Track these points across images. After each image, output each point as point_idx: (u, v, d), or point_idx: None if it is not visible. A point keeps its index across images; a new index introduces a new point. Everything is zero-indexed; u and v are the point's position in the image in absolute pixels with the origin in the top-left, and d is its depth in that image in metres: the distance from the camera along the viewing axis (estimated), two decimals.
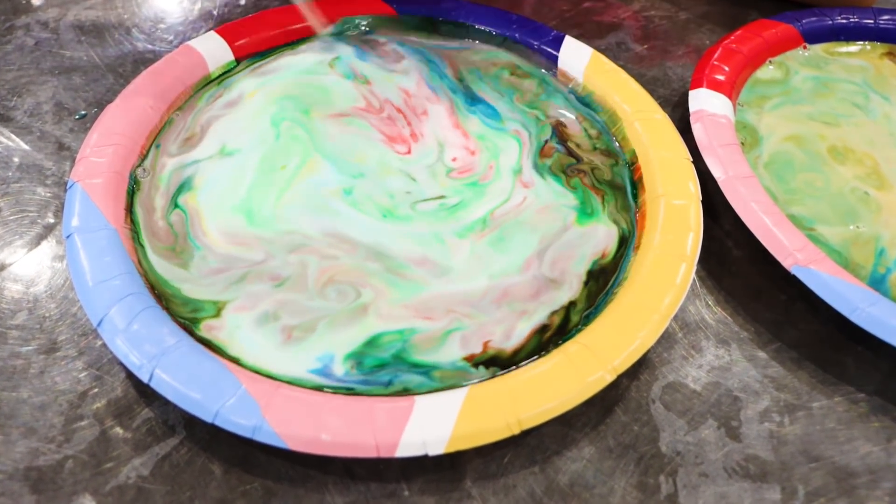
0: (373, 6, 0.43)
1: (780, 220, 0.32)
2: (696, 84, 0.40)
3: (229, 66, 0.39)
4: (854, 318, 0.29)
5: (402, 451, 0.24)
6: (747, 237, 0.33)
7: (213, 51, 0.39)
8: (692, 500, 0.27)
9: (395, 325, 0.29)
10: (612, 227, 0.34)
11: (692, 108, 0.38)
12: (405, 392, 0.27)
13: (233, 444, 0.27)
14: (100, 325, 0.26)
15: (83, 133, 0.38)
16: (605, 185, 0.36)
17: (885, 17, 0.47)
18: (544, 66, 0.42)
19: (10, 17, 0.45)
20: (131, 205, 0.32)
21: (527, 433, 0.25)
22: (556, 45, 0.42)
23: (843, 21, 0.47)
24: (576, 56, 0.41)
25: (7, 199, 0.35)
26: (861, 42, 0.47)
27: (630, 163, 0.37)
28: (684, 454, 0.28)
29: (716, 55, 0.42)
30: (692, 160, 0.35)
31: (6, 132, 0.38)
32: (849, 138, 0.40)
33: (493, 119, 0.39)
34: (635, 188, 0.35)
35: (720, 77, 0.40)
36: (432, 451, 0.24)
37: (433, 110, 0.39)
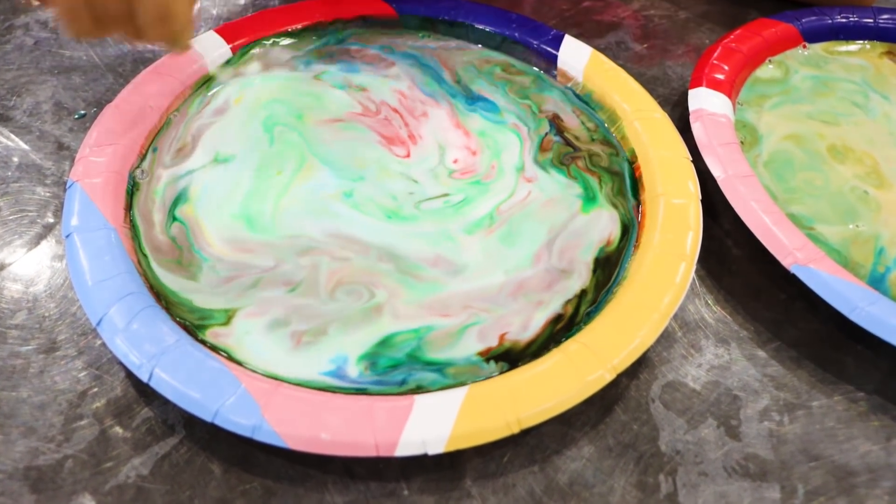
0: (373, 6, 0.43)
1: (780, 219, 0.32)
2: (696, 83, 0.40)
3: (228, 65, 0.39)
4: (853, 317, 0.29)
5: (402, 451, 0.24)
6: (747, 236, 0.33)
7: (213, 50, 0.39)
8: (692, 499, 0.27)
9: (410, 324, 0.29)
10: (613, 212, 0.34)
11: (692, 107, 0.38)
12: (418, 390, 0.27)
13: (232, 444, 0.27)
14: (99, 324, 0.26)
15: (82, 133, 0.38)
16: (600, 168, 0.36)
17: (885, 17, 0.47)
18: (541, 66, 0.42)
19: (9, 16, 0.45)
20: (130, 206, 0.32)
21: (526, 432, 0.25)
22: (556, 44, 0.42)
23: (843, 20, 0.47)
24: (575, 55, 0.41)
25: (6, 199, 0.35)
26: (861, 41, 0.47)
27: (630, 161, 0.37)
28: (684, 453, 0.28)
29: (715, 54, 0.42)
30: (692, 159, 0.35)
31: (5, 132, 0.38)
32: (848, 137, 0.40)
33: (493, 112, 0.39)
34: (635, 186, 0.35)
35: (720, 76, 0.40)
36: (432, 451, 0.24)
37: (433, 113, 0.39)
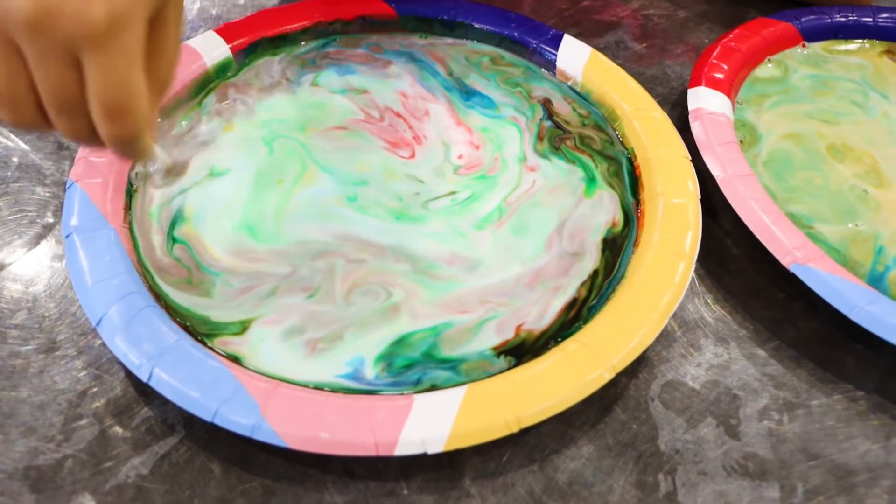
0: (372, 6, 0.43)
1: (779, 218, 0.32)
2: (695, 82, 0.40)
3: (227, 65, 0.39)
4: (853, 316, 0.29)
5: (401, 450, 0.24)
6: (746, 235, 0.33)
7: (212, 50, 0.39)
8: (691, 498, 0.27)
9: (427, 322, 0.29)
10: (612, 193, 0.35)
11: (691, 107, 0.38)
12: (431, 390, 0.27)
13: (232, 443, 0.27)
14: (99, 324, 0.26)
15: None
16: (592, 150, 0.37)
17: (884, 16, 0.47)
18: (534, 61, 0.42)
19: None
20: (129, 206, 0.32)
21: (526, 431, 0.25)
22: (555, 43, 0.42)
23: (842, 19, 0.47)
24: (575, 55, 0.41)
25: (6, 199, 0.35)
26: (860, 40, 0.47)
27: (629, 160, 0.37)
28: (683, 452, 0.28)
29: (714, 53, 0.42)
30: (691, 159, 0.35)
31: (5, 132, 0.38)
32: (848, 136, 0.40)
33: (490, 108, 0.39)
34: (634, 185, 0.35)
35: (719, 75, 0.40)
36: (431, 450, 0.24)
37: (433, 110, 0.39)
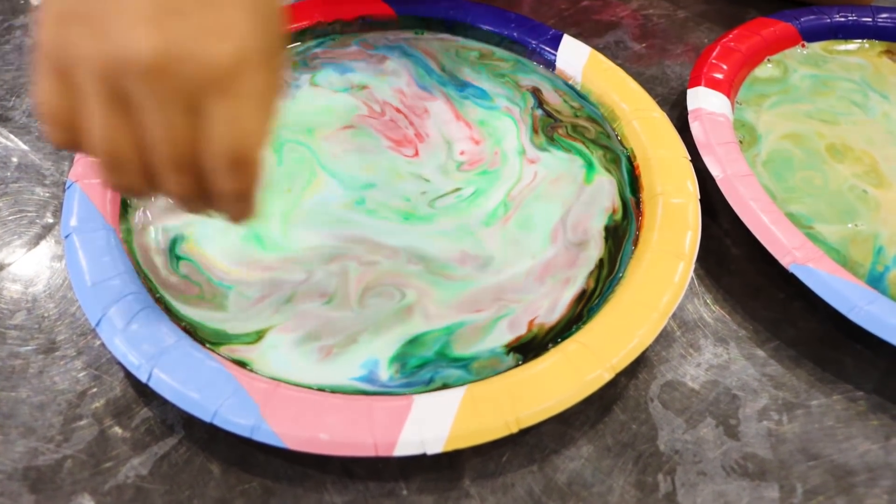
0: (372, 6, 0.43)
1: (779, 218, 0.32)
2: (695, 82, 0.40)
3: None
4: (852, 316, 0.29)
5: (401, 450, 0.24)
6: (746, 235, 0.33)
7: None
8: (690, 498, 0.27)
9: (441, 323, 0.29)
10: (610, 178, 0.36)
11: (690, 107, 0.38)
12: (444, 388, 0.27)
13: (231, 444, 0.27)
14: (98, 324, 0.26)
15: None
16: (585, 139, 0.38)
17: (884, 16, 0.47)
18: (527, 57, 0.42)
19: (8, 17, 0.45)
20: (125, 211, 0.32)
21: (525, 432, 0.25)
22: (555, 43, 0.42)
23: (842, 19, 0.47)
24: (574, 55, 0.41)
25: (6, 199, 0.35)
26: (859, 40, 0.47)
27: (629, 160, 0.37)
28: (683, 453, 0.28)
29: (714, 53, 0.42)
30: (690, 159, 0.35)
31: (5, 132, 0.38)
32: (847, 136, 0.40)
33: (484, 98, 0.40)
34: (634, 185, 0.35)
35: (718, 75, 0.40)
36: (430, 450, 0.24)
37: (433, 108, 0.39)
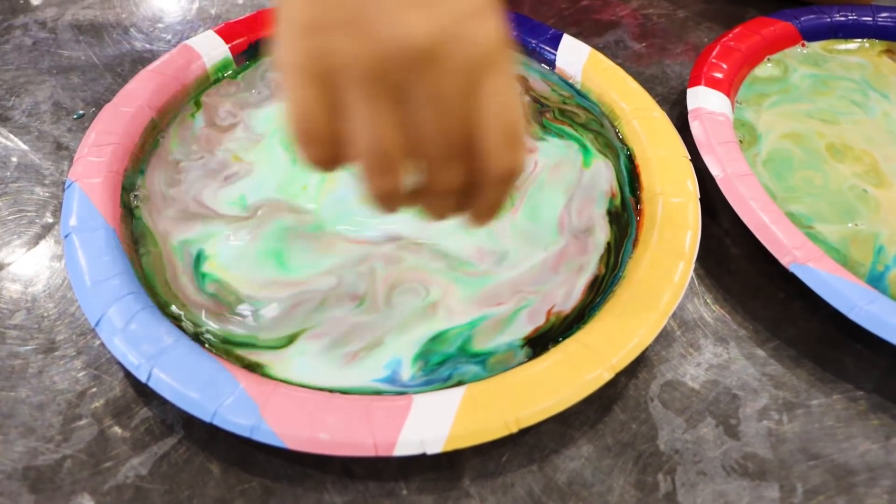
0: None
1: (779, 217, 0.32)
2: (695, 82, 0.40)
3: (226, 65, 0.39)
4: (853, 315, 0.29)
5: (401, 450, 0.24)
6: (746, 235, 0.33)
7: (211, 50, 0.39)
8: (690, 498, 0.27)
9: (464, 318, 0.30)
10: (607, 161, 0.36)
11: (690, 106, 0.38)
12: (459, 385, 0.27)
13: (231, 444, 0.27)
14: (98, 324, 0.26)
15: (81, 133, 0.38)
16: (575, 124, 0.38)
17: (884, 15, 0.47)
18: (523, 54, 0.43)
19: (8, 16, 0.45)
20: (132, 224, 0.32)
21: (525, 432, 0.25)
22: (555, 43, 0.42)
23: (842, 18, 0.47)
24: (574, 54, 0.41)
25: (5, 199, 0.35)
26: (859, 39, 0.47)
27: (628, 158, 0.37)
28: (683, 452, 0.28)
29: (714, 53, 0.42)
30: (690, 158, 0.35)
31: (4, 132, 0.38)
32: (847, 136, 0.40)
33: None
34: (634, 184, 0.35)
35: (718, 75, 0.40)
36: (430, 450, 0.24)
37: None
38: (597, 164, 0.36)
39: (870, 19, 0.47)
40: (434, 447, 0.24)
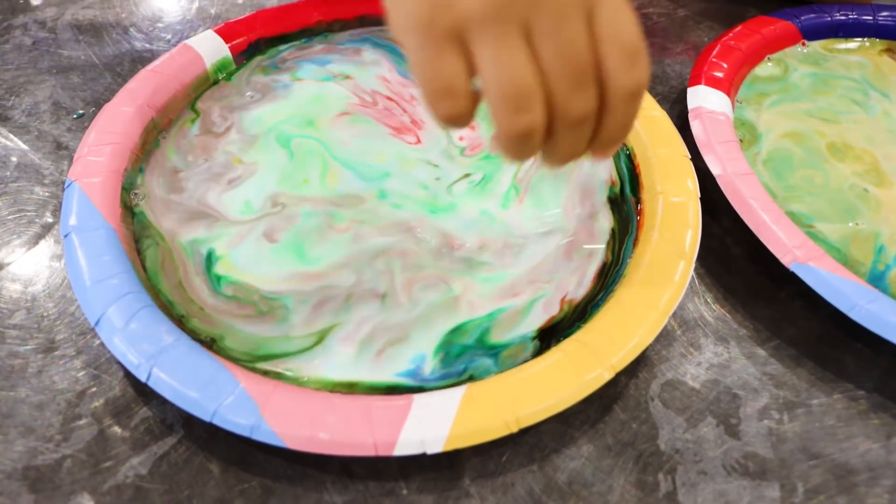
0: (372, 5, 0.43)
1: (779, 217, 0.32)
2: (695, 81, 0.40)
3: (226, 65, 0.39)
4: (853, 314, 0.29)
5: (401, 450, 0.24)
6: (746, 234, 0.33)
7: (211, 50, 0.39)
8: (691, 497, 0.27)
9: (484, 310, 0.30)
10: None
11: (690, 105, 0.38)
12: (471, 380, 0.27)
13: (231, 443, 0.27)
14: (97, 324, 0.26)
15: (81, 132, 0.38)
16: None
17: (885, 14, 0.47)
18: None
19: (7, 16, 0.45)
20: (133, 225, 0.32)
21: (525, 431, 0.25)
22: None
23: (842, 18, 0.47)
24: None
25: (5, 199, 0.35)
26: (860, 39, 0.47)
27: (628, 158, 0.37)
28: (683, 452, 0.28)
29: (714, 52, 0.41)
30: (690, 157, 0.35)
31: (4, 132, 0.38)
32: (848, 135, 0.40)
33: None
34: (634, 184, 0.35)
35: (719, 74, 0.40)
36: (430, 450, 0.24)
37: (418, 94, 0.39)
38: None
39: (870, 18, 0.47)
40: (434, 447, 0.24)
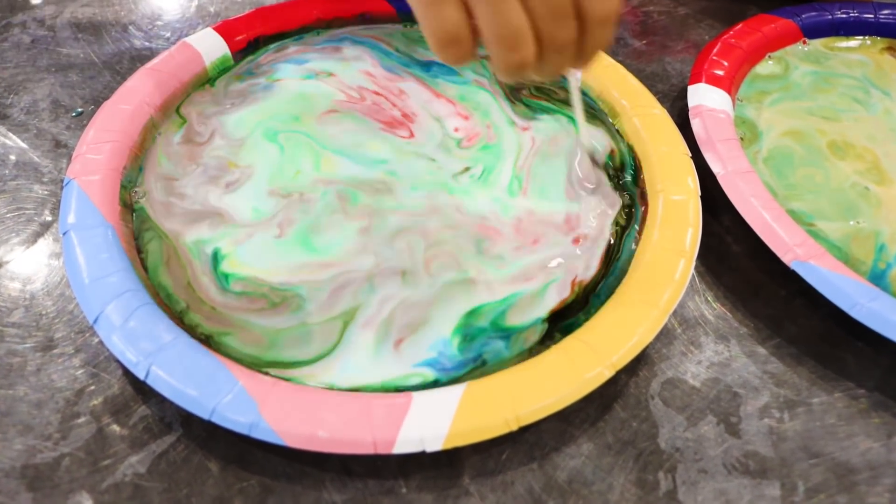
0: (371, 3, 0.43)
1: (780, 215, 0.32)
2: (695, 79, 0.39)
3: (225, 63, 0.39)
4: (854, 313, 0.29)
5: (400, 448, 0.24)
6: (746, 233, 0.33)
7: (210, 48, 0.39)
8: (691, 496, 0.26)
9: (502, 294, 0.30)
10: (598, 127, 0.38)
11: (691, 103, 0.38)
12: (483, 365, 0.28)
13: (230, 441, 0.26)
14: (96, 322, 0.26)
15: (80, 130, 0.38)
16: (554, 99, 0.40)
17: (886, 12, 0.47)
18: None
19: (6, 14, 0.45)
20: (133, 223, 0.31)
21: (525, 430, 0.25)
22: None
23: (843, 16, 0.46)
24: None
25: (4, 197, 0.35)
26: (861, 37, 0.47)
27: (630, 155, 0.37)
28: (683, 450, 0.28)
29: (715, 50, 0.41)
30: (691, 155, 0.35)
31: (3, 130, 0.38)
32: (849, 133, 0.40)
33: (453, 74, 0.41)
34: (635, 181, 0.35)
35: (719, 72, 0.40)
36: (430, 448, 0.24)
37: (407, 88, 0.39)
38: (588, 129, 0.38)
39: (871, 16, 0.47)
40: (434, 445, 0.24)
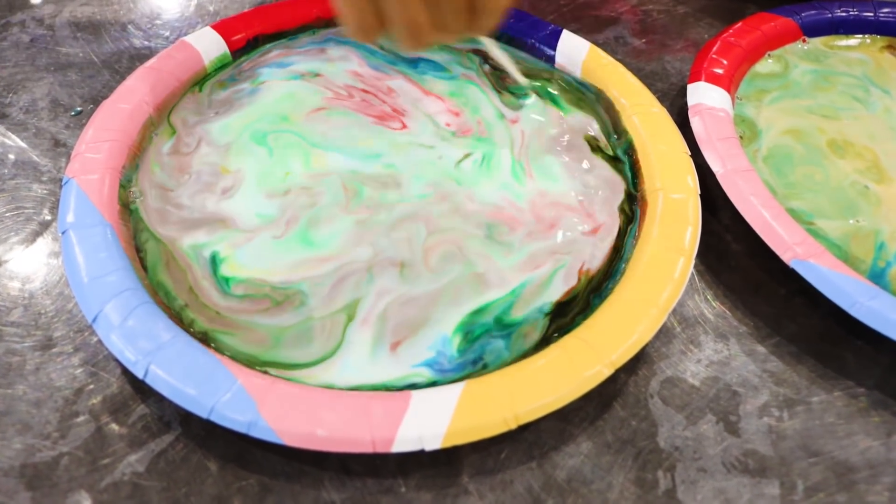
0: None
1: (779, 213, 0.32)
2: (695, 78, 0.39)
3: (224, 62, 0.39)
4: (854, 312, 0.29)
5: (399, 447, 0.24)
6: (746, 231, 0.33)
7: (209, 46, 0.39)
8: (690, 495, 0.26)
9: (510, 286, 0.30)
10: (585, 115, 0.39)
11: (690, 102, 0.38)
12: (483, 367, 0.27)
13: (228, 440, 0.26)
14: (95, 321, 0.26)
15: (79, 129, 0.38)
16: (539, 79, 0.40)
17: (886, 11, 0.47)
18: (522, 50, 0.43)
19: (5, 13, 0.45)
20: (132, 225, 0.31)
21: (524, 428, 0.25)
22: (554, 39, 0.41)
23: (843, 14, 0.46)
24: (574, 50, 0.41)
25: (3, 196, 0.35)
26: (861, 35, 0.47)
27: (628, 154, 0.37)
28: (683, 449, 0.28)
29: (714, 49, 0.41)
30: (690, 154, 0.35)
31: (2, 129, 0.38)
32: (848, 132, 0.40)
33: (441, 70, 0.41)
34: (634, 180, 0.35)
35: (719, 71, 0.40)
36: (429, 447, 0.24)
37: (396, 85, 0.40)
38: (574, 113, 0.39)
39: (871, 15, 0.47)
40: (432, 444, 0.24)
